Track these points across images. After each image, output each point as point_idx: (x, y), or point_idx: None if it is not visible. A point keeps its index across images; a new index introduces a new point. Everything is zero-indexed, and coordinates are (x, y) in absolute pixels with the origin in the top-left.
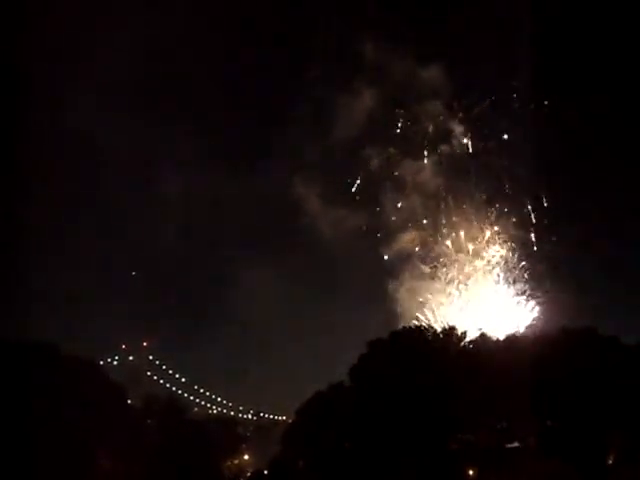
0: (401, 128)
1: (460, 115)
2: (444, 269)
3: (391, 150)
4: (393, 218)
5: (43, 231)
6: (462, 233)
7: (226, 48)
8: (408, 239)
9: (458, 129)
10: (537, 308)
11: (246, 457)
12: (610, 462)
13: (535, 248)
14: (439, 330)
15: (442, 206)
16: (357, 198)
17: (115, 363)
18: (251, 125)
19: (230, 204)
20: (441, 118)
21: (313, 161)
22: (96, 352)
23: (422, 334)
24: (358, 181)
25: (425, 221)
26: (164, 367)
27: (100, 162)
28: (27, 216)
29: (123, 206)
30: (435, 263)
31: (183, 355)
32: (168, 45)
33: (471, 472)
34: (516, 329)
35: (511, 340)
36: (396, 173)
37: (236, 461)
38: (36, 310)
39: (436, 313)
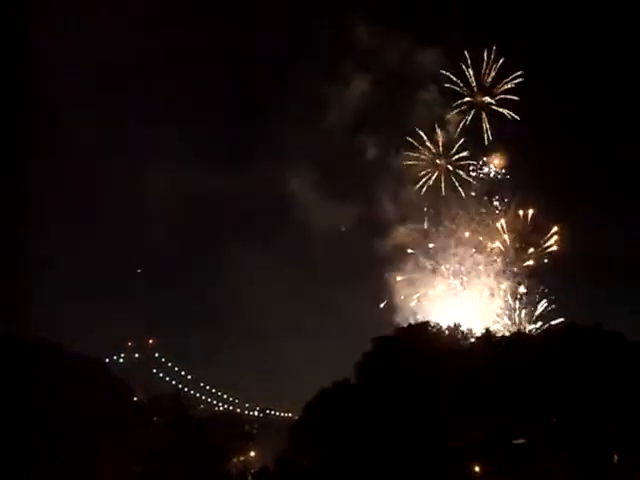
0: (397, 116)
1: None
2: (444, 262)
3: (387, 139)
4: (390, 210)
5: (46, 230)
6: (462, 226)
7: (215, 41)
8: (406, 231)
9: (456, 118)
10: (541, 304)
11: (252, 454)
12: (616, 459)
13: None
14: (444, 327)
15: (441, 197)
16: (353, 189)
17: (121, 361)
18: (247, 117)
19: (229, 201)
20: (437, 105)
21: (307, 151)
22: (102, 350)
23: (427, 331)
24: (353, 171)
25: (423, 213)
26: (170, 364)
27: (98, 162)
28: (27, 216)
29: (123, 205)
30: (434, 256)
31: (189, 352)
32: (155, 41)
33: (477, 469)
34: (520, 325)
35: (517, 337)
36: (392, 163)
37: (242, 458)
38: (42, 309)
39: (437, 307)
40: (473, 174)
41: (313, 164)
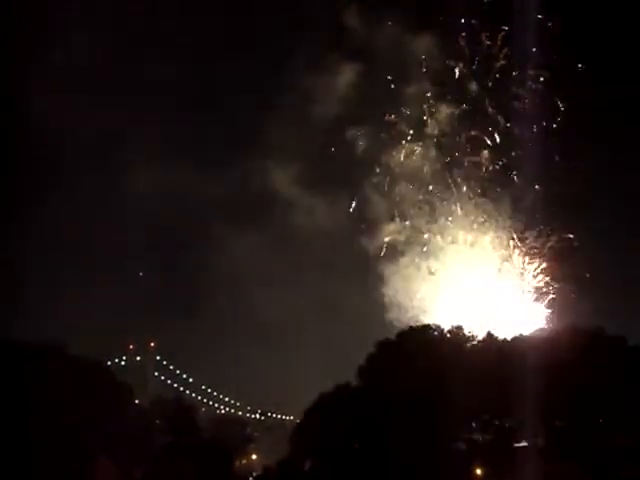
0: (388, 107)
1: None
2: (437, 261)
3: (377, 132)
4: (380, 206)
5: (47, 233)
6: (456, 222)
7: (201, 35)
8: (398, 229)
9: (449, 109)
10: (541, 305)
11: (254, 457)
12: (618, 463)
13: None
14: (445, 329)
15: (434, 193)
16: (340, 184)
17: (122, 364)
18: (230, 111)
19: (227, 201)
20: (429, 95)
21: (292, 146)
22: (103, 353)
23: (429, 334)
24: (343, 166)
25: (415, 209)
26: (171, 367)
27: (97, 162)
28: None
29: (122, 207)
30: (429, 255)
31: (190, 355)
32: (139, 36)
33: (479, 471)
34: (521, 327)
35: (519, 339)
36: (383, 157)
37: (244, 461)
38: (43, 311)
39: (435, 308)
40: (468, 169)
41: (298, 159)
